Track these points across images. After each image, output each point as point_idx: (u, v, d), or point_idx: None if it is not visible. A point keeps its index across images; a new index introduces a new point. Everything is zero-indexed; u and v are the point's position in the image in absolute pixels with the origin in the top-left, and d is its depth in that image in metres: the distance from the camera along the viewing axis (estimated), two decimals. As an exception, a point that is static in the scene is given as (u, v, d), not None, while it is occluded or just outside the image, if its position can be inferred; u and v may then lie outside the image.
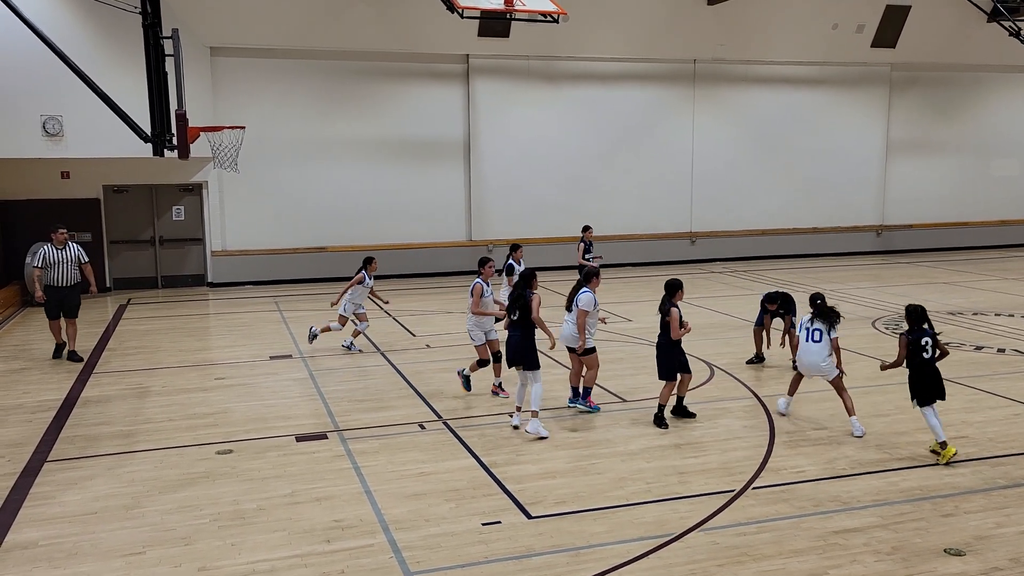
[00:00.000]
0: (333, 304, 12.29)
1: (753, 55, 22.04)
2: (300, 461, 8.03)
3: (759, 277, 19.84)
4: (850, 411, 8.61)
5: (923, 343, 7.91)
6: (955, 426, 8.77)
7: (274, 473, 7.72)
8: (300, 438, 8.69)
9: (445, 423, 9.11)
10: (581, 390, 9.46)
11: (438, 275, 20.07)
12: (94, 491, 7.36)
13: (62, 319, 12.19)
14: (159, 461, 8.08)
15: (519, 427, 8.76)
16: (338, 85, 19.55)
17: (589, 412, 9.36)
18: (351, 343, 12.43)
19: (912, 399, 7.98)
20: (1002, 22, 20.45)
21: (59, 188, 18.05)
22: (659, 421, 8.89)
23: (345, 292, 12.11)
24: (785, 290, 11.85)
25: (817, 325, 8.68)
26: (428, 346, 12.80)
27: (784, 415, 9.21)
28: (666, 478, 7.51)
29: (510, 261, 12.77)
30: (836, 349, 8.64)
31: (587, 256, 15.07)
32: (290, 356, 12.38)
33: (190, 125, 10.90)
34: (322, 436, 8.75)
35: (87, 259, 12.32)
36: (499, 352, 9.93)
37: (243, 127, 12.12)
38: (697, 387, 10.40)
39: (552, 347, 9.22)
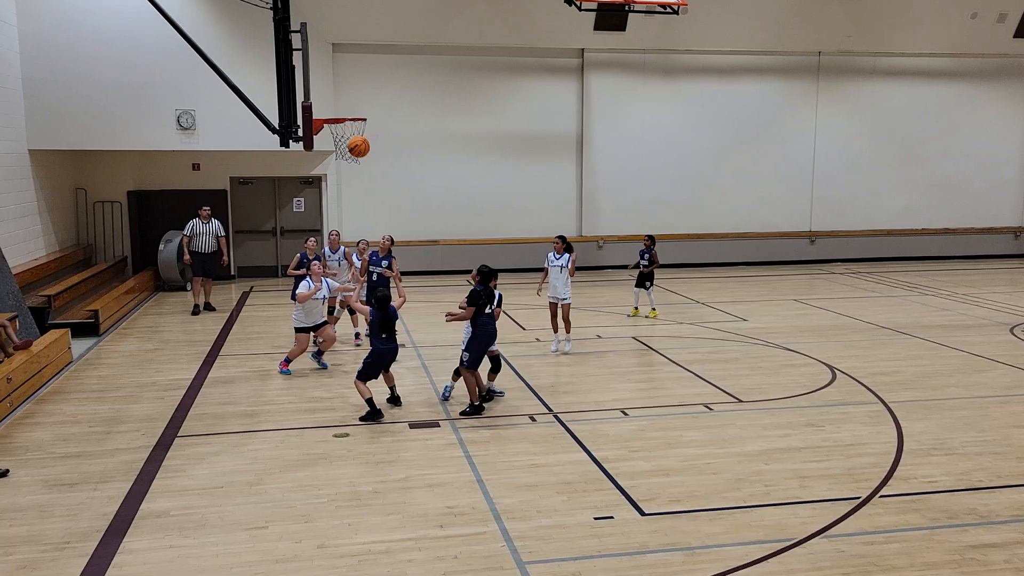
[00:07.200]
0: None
1: (883, 47, 21.00)
2: (413, 447, 8.14)
3: (883, 279, 18.93)
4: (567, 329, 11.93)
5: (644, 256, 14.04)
6: (1108, 442, 8.12)
7: (388, 458, 7.85)
8: (413, 425, 8.82)
9: (556, 416, 9.06)
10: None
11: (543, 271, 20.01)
12: (221, 466, 7.67)
13: (201, 278, 15.34)
14: (280, 441, 8.35)
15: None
16: (454, 80, 19.77)
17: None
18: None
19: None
20: None
21: (190, 179, 18.97)
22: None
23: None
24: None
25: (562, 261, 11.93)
26: (538, 340, 12.79)
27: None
28: (786, 481, 7.22)
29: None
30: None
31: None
32: (403, 345, 12.58)
33: (314, 118, 11.23)
34: (434, 424, 8.85)
35: (223, 234, 15.49)
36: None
37: (364, 119, 12.39)
38: (818, 390, 10.00)
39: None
